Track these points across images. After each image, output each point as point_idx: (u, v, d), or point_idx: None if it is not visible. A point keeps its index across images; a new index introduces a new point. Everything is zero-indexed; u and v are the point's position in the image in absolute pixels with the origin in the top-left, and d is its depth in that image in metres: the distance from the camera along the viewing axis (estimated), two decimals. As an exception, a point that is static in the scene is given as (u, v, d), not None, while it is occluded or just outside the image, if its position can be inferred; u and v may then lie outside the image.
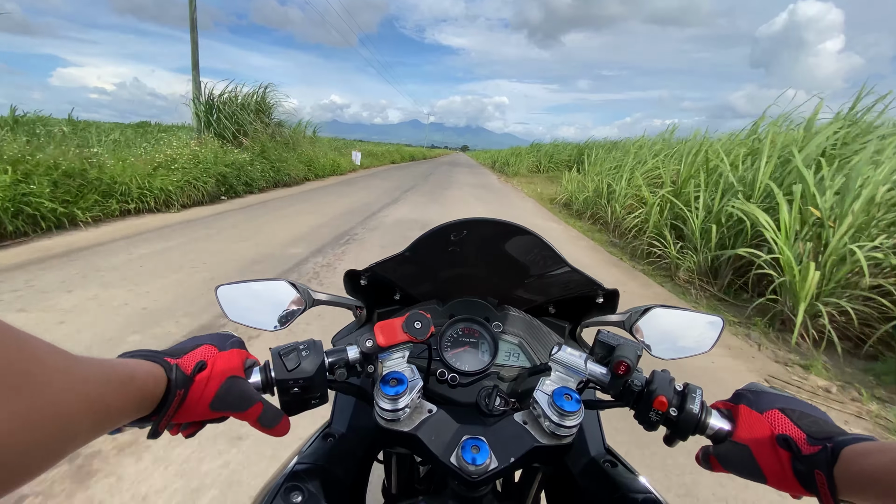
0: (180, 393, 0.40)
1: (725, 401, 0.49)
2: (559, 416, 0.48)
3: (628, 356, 0.49)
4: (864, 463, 0.35)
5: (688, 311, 0.70)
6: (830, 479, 0.36)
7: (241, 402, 0.45)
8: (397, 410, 0.49)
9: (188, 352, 0.44)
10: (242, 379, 0.46)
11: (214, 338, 0.47)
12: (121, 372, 0.34)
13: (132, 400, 0.35)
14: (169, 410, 0.39)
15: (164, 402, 0.39)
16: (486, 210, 8.92)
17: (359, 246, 5.10)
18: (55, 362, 0.27)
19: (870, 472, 0.34)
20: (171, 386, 0.39)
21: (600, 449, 0.63)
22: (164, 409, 0.39)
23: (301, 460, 0.55)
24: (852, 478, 0.35)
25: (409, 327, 0.50)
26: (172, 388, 0.39)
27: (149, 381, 0.37)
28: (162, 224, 5.52)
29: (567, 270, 0.67)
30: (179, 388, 0.40)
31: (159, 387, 0.39)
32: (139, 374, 0.36)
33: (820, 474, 0.37)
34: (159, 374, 0.39)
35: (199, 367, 0.43)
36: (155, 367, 0.39)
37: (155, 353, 0.41)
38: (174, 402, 0.39)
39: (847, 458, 0.36)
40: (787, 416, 0.42)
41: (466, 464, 0.45)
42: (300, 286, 0.68)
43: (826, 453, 0.37)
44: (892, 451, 0.33)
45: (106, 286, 3.29)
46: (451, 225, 0.64)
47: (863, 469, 0.34)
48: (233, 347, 0.47)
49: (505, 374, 0.69)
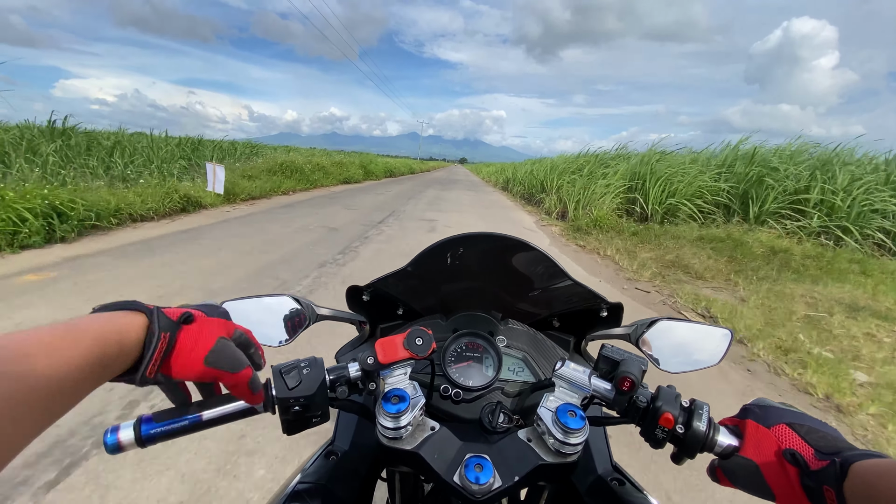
0: (165, 336, 0.38)
1: (733, 416, 0.48)
2: (563, 433, 0.47)
3: (633, 371, 0.48)
4: (874, 478, 0.34)
5: (694, 323, 0.69)
6: (840, 495, 0.35)
7: (234, 363, 0.43)
8: (399, 428, 0.48)
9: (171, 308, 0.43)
10: (231, 342, 0.44)
11: (201, 306, 0.46)
12: (93, 329, 0.33)
13: (110, 353, 0.34)
14: (155, 354, 0.38)
15: (148, 345, 0.37)
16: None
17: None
18: (18, 344, 0.28)
19: (880, 488, 0.33)
20: (153, 329, 0.38)
21: (608, 466, 0.62)
22: (149, 351, 0.37)
23: (303, 479, 0.55)
24: (862, 494, 0.34)
25: (409, 344, 0.50)
26: (156, 331, 0.38)
27: (129, 330, 0.36)
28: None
29: (569, 284, 0.66)
30: (164, 331, 0.38)
31: (141, 334, 0.37)
32: (115, 324, 0.35)
33: (829, 490, 0.36)
34: (140, 322, 0.38)
35: (185, 318, 0.41)
36: (134, 315, 0.38)
37: (134, 303, 0.40)
38: (160, 344, 0.38)
39: (857, 474, 0.35)
40: (795, 431, 0.41)
41: (470, 483, 0.45)
42: (304, 301, 0.68)
43: (835, 468, 0.36)
44: None
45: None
46: (453, 240, 0.64)
47: (873, 485, 0.33)
48: (220, 317, 0.46)
49: (509, 389, 0.68)
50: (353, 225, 6.87)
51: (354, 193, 12.50)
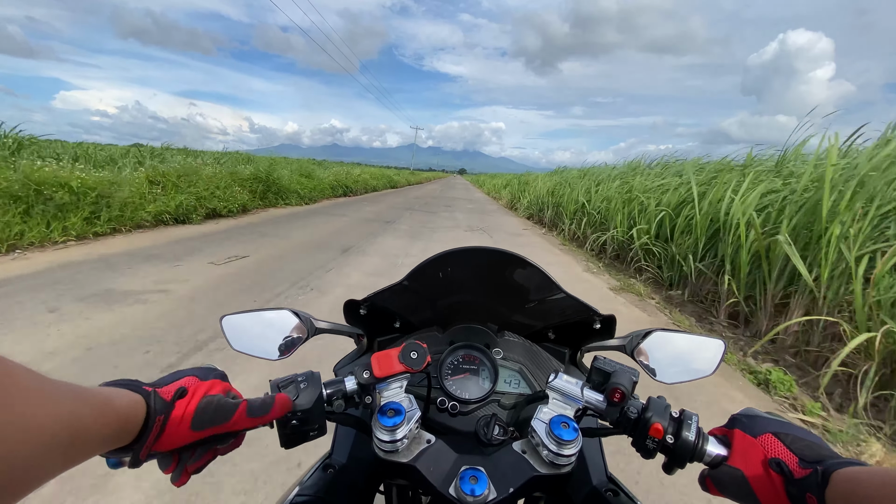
0: (160, 419, 0.39)
1: (721, 426, 0.49)
2: (557, 444, 0.48)
3: (623, 383, 0.49)
4: (854, 486, 0.35)
5: (688, 334, 0.69)
6: (822, 502, 0.36)
7: (222, 413, 0.43)
8: (395, 441, 0.49)
9: (169, 383, 0.44)
10: (220, 394, 0.45)
11: (197, 370, 0.47)
12: (98, 398, 0.34)
13: (110, 427, 0.35)
14: (149, 438, 0.39)
15: (145, 429, 0.38)
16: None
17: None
18: (27, 380, 0.27)
19: (860, 496, 0.34)
20: (150, 412, 0.39)
21: (602, 477, 0.62)
22: (144, 436, 0.38)
23: (301, 492, 0.55)
24: (842, 500, 0.35)
25: (405, 358, 0.51)
26: (152, 415, 0.39)
27: (128, 409, 0.37)
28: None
29: (563, 297, 0.68)
30: (159, 413, 0.39)
31: (139, 415, 0.38)
32: (118, 401, 0.36)
33: (812, 498, 0.37)
34: (139, 402, 0.38)
35: (179, 394, 0.42)
36: (134, 396, 0.39)
37: (135, 382, 0.41)
38: (154, 427, 0.39)
39: (837, 482, 0.36)
40: (781, 441, 0.42)
41: (465, 494, 0.45)
42: (303, 315, 0.70)
43: (817, 476, 0.37)
44: (882, 474, 0.33)
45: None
46: (448, 254, 0.66)
47: (853, 492, 0.34)
48: (215, 378, 0.47)
49: (505, 402, 0.69)
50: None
51: (295, 221, 7.79)
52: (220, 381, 0.47)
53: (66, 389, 0.31)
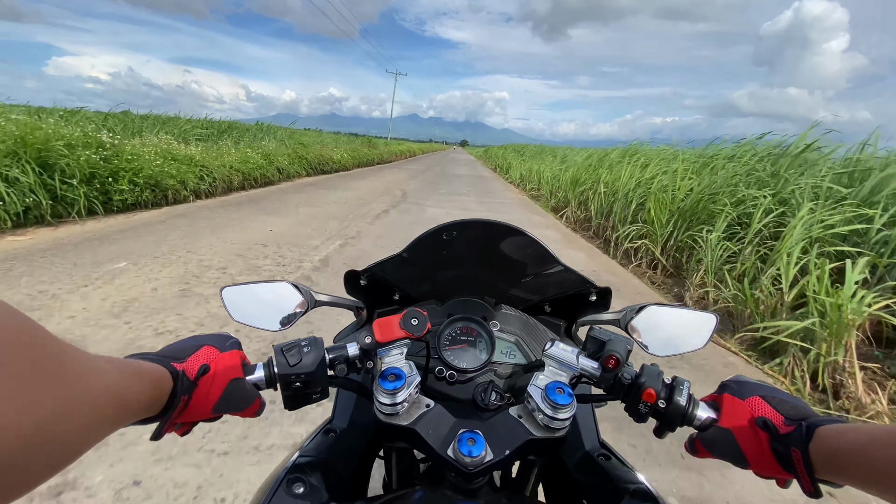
0: (184, 398, 0.42)
1: (711, 393, 0.51)
2: (552, 409, 0.49)
3: (618, 350, 0.51)
4: (837, 441, 0.36)
5: (681, 308, 0.71)
6: (806, 456, 0.38)
7: (242, 402, 0.48)
8: (395, 405, 0.50)
9: (190, 354, 0.46)
10: (242, 379, 0.48)
11: (214, 338, 0.49)
12: (133, 369, 0.36)
13: (146, 395, 0.37)
14: (173, 414, 0.41)
15: (170, 405, 0.41)
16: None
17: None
18: (81, 357, 0.29)
19: (844, 450, 0.35)
20: (176, 390, 0.41)
21: (595, 443, 0.65)
22: (169, 412, 0.41)
23: (303, 453, 0.57)
24: (827, 455, 0.37)
25: (406, 324, 0.52)
26: (178, 393, 0.41)
27: (158, 382, 0.39)
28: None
29: (560, 269, 0.69)
30: (184, 393, 0.42)
31: (165, 388, 0.40)
32: (150, 372, 0.38)
33: (796, 451, 0.39)
34: (165, 377, 0.41)
35: (202, 371, 0.45)
36: (161, 370, 0.40)
37: (161, 357, 0.43)
38: (178, 406, 0.41)
39: (821, 437, 0.38)
40: (767, 402, 0.44)
41: (463, 456, 0.47)
42: (303, 287, 0.70)
43: (801, 431, 0.39)
44: (864, 430, 0.35)
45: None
46: (447, 226, 0.66)
47: (837, 447, 0.36)
48: (232, 348, 0.49)
49: (501, 371, 0.70)
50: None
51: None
52: (237, 352, 0.50)
53: (107, 364, 0.32)
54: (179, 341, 0.48)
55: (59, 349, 0.27)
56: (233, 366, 0.47)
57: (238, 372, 0.48)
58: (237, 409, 0.48)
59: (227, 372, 0.47)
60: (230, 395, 0.46)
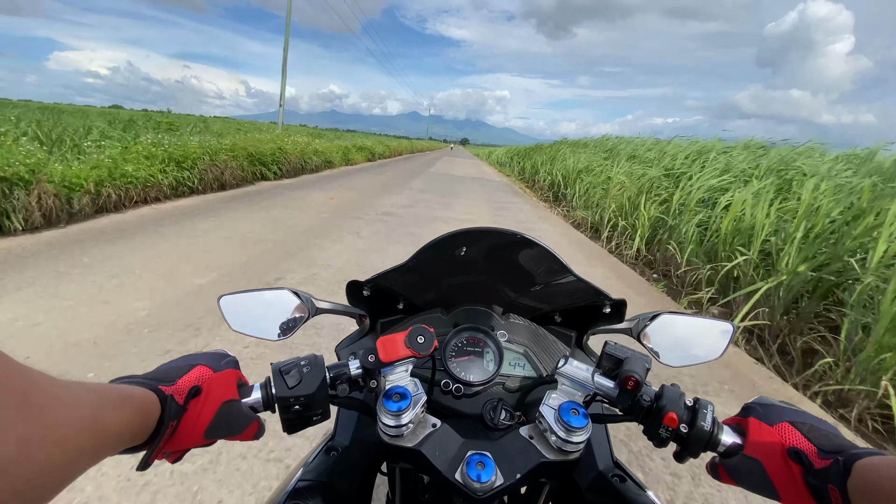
0: (173, 424, 0.39)
1: (735, 415, 0.48)
2: (566, 431, 0.47)
3: (637, 370, 0.48)
4: (877, 477, 0.34)
5: (696, 317, 0.68)
6: (844, 493, 0.35)
7: (236, 426, 0.44)
8: (401, 426, 0.48)
9: (182, 375, 0.43)
10: (237, 401, 0.45)
11: (208, 357, 0.46)
12: (115, 396, 0.34)
13: (129, 424, 0.34)
14: (160, 442, 0.38)
15: (157, 432, 0.38)
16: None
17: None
18: (51, 387, 0.27)
19: (883, 486, 0.33)
20: (164, 417, 0.38)
21: (608, 463, 0.62)
22: (157, 440, 0.38)
23: (303, 477, 0.55)
24: (866, 493, 0.34)
25: (411, 342, 0.49)
26: (165, 420, 0.38)
27: (144, 408, 0.36)
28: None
29: (573, 280, 0.66)
30: (172, 419, 0.39)
31: (153, 414, 0.38)
32: (135, 398, 0.36)
33: (834, 489, 0.36)
34: (153, 402, 0.38)
35: (192, 394, 0.42)
36: (149, 395, 0.38)
37: (149, 380, 0.40)
38: (166, 433, 0.38)
39: (860, 473, 0.35)
40: (798, 429, 0.41)
41: (471, 480, 0.44)
42: (303, 295, 0.68)
43: (838, 466, 0.36)
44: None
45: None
46: (455, 235, 0.63)
47: (877, 484, 0.33)
48: (227, 368, 0.46)
49: (510, 384, 0.68)
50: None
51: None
52: (233, 371, 0.47)
53: (85, 392, 0.30)
54: (171, 361, 0.45)
55: (25, 379, 0.25)
56: (227, 387, 0.45)
57: (232, 393, 0.45)
58: (231, 434, 0.44)
59: (221, 394, 0.44)
60: (223, 419, 0.43)
